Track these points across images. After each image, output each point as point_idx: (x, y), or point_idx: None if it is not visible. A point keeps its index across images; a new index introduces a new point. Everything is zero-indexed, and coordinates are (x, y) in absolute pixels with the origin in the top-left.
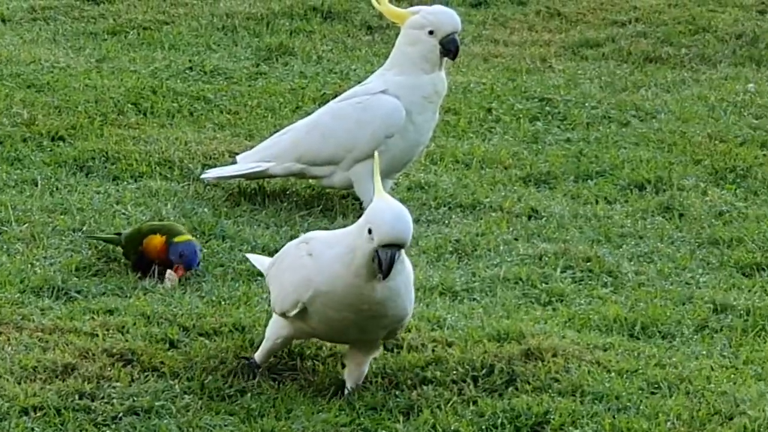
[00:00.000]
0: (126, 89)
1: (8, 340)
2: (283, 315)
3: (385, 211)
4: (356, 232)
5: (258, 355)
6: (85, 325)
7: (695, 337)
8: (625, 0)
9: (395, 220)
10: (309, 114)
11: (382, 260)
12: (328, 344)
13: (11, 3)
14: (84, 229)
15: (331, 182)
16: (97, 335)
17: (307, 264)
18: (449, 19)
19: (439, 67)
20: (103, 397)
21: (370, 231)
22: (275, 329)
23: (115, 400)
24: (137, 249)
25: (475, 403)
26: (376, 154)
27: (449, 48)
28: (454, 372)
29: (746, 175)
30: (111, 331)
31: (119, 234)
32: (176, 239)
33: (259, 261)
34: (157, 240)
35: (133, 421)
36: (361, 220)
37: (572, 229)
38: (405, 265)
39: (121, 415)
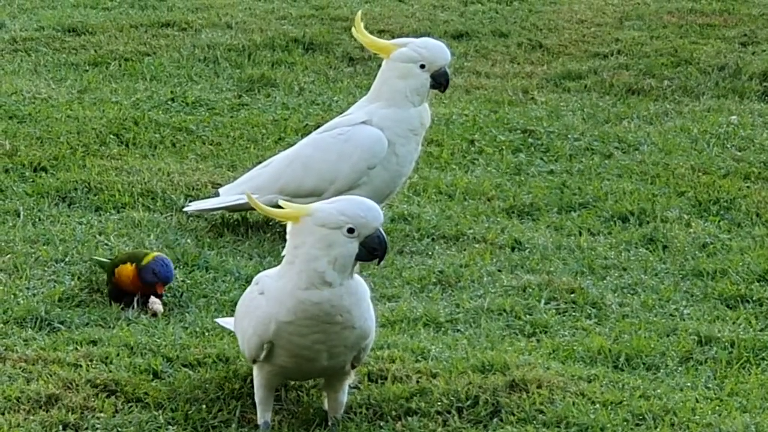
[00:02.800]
0: (108, 120)
1: None
2: (254, 361)
3: (353, 206)
4: (313, 253)
5: (258, 415)
6: (69, 355)
7: (680, 368)
8: (607, 32)
9: (368, 206)
10: (291, 145)
11: (376, 245)
12: None
13: None
14: (66, 260)
15: None
16: (81, 366)
17: (261, 303)
18: (441, 52)
19: (426, 99)
20: (87, 428)
21: (351, 230)
22: (256, 380)
23: (99, 431)
24: (111, 279)
25: None
26: (247, 192)
27: (440, 81)
28: (439, 403)
29: (730, 207)
30: (95, 362)
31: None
32: (143, 262)
33: (228, 323)
34: (128, 269)
35: None
36: (313, 240)
37: (556, 260)
38: (357, 278)
39: None
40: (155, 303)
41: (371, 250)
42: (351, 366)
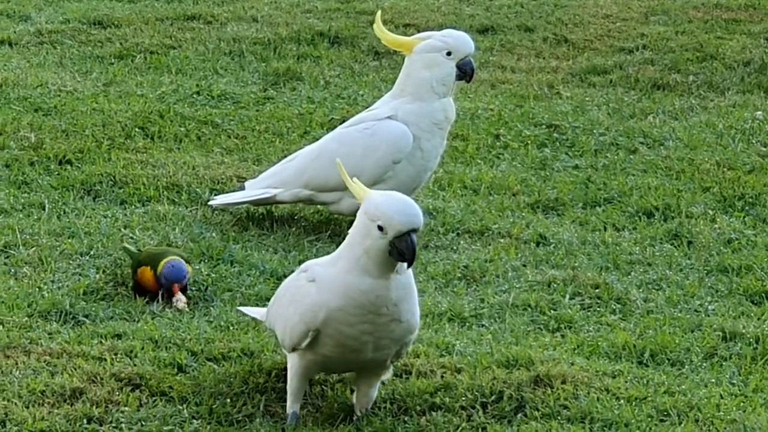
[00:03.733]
0: (133, 113)
1: (16, 364)
2: (294, 350)
3: (389, 203)
4: (358, 238)
5: (288, 405)
6: (93, 349)
7: (704, 364)
8: (633, 27)
9: (404, 208)
10: (317, 139)
11: (404, 249)
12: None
13: (18, 27)
14: (91, 253)
15: (339, 208)
16: (105, 359)
17: (311, 290)
18: (466, 41)
19: (452, 92)
20: (111, 422)
21: (380, 228)
22: (292, 370)
23: (123, 425)
24: (135, 276)
25: (484, 429)
26: (338, 160)
27: (465, 70)
28: (463, 398)
29: (755, 203)
30: (119, 356)
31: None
32: (159, 268)
33: (253, 311)
34: (148, 273)
35: None
36: (359, 224)
37: (581, 255)
38: (409, 273)
39: None
40: (179, 300)
41: (400, 252)
42: (390, 361)
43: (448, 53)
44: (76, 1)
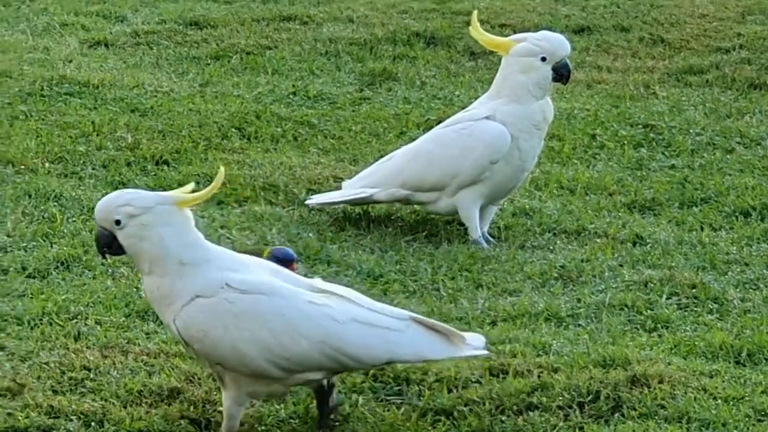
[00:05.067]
0: (230, 114)
1: (114, 364)
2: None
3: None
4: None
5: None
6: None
7: None
8: (729, 27)
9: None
10: (413, 139)
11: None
12: (435, 369)
13: (114, 28)
14: None
15: (436, 208)
16: None
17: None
18: (561, 44)
19: (549, 93)
20: (208, 422)
21: (543, 59)
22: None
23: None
24: None
25: (581, 429)
26: None
27: (562, 73)
28: (560, 398)
29: None
30: None
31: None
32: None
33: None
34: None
35: None
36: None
37: (677, 255)
38: None
39: None
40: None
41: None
42: None
43: (543, 58)
44: (172, 1)
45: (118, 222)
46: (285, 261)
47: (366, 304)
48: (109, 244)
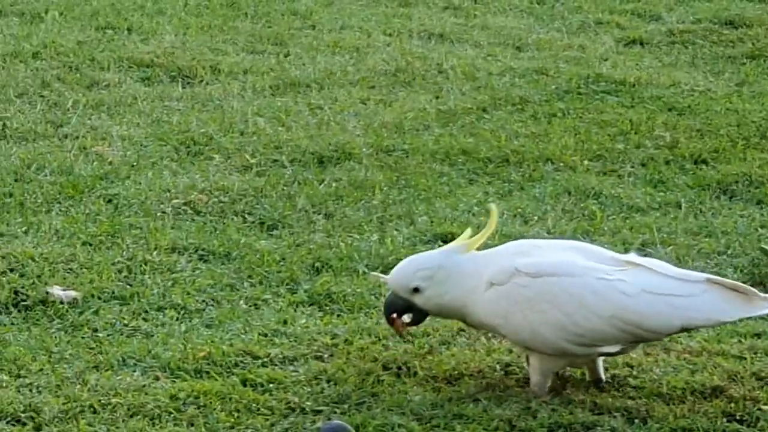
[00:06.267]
0: (767, 113)
1: (656, 361)
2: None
3: None
4: None
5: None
6: (733, 348)
7: None
8: None
9: None
10: None
11: None
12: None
13: (649, 26)
14: (728, 252)
15: None
16: (745, 358)
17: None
18: None
19: None
20: (751, 419)
21: None
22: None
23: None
24: None
25: None
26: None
27: None
28: None
29: None
30: (758, 355)
31: None
32: None
33: None
34: None
35: None
36: None
37: None
38: None
39: None
40: None
41: None
42: None
43: None
44: (707, 1)
45: (416, 289)
46: None
47: (664, 270)
48: (399, 311)
